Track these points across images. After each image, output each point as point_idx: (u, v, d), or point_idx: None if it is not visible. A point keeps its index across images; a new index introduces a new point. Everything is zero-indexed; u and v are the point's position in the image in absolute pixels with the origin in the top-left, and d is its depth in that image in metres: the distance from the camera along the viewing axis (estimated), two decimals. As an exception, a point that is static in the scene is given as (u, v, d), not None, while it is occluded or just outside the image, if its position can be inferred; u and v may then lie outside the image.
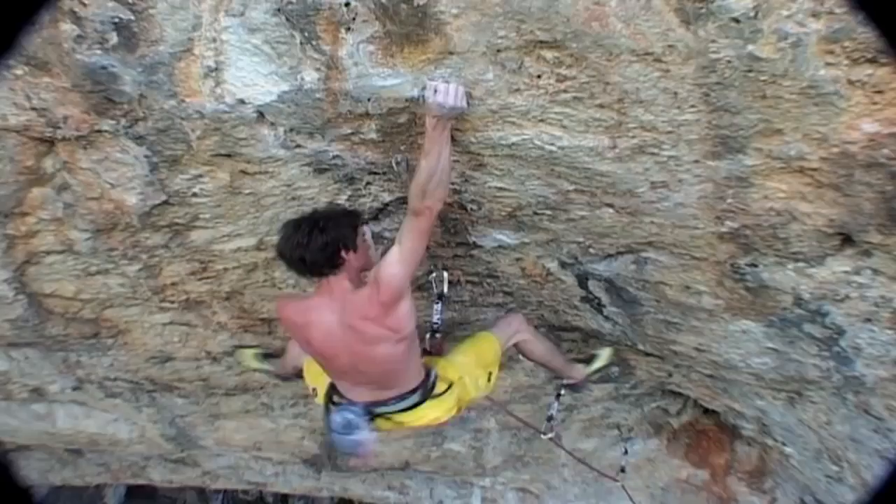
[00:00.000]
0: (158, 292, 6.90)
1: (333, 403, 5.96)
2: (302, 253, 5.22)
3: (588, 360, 7.51)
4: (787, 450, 8.76)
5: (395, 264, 5.10)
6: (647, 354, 7.83)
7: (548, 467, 10.90)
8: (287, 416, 9.88)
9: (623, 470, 8.44)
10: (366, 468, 11.14)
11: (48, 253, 6.23)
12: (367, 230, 5.52)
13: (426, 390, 5.97)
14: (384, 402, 5.84)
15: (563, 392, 7.07)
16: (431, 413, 6.07)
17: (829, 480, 8.43)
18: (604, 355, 7.53)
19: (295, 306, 5.69)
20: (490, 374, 6.62)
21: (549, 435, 7.23)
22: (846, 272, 5.25)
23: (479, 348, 6.66)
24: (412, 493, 12.16)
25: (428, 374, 6.02)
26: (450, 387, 6.13)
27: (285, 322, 5.89)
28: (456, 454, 10.65)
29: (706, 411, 9.84)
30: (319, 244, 5.18)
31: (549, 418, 7.10)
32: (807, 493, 9.32)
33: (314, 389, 6.49)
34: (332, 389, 6.00)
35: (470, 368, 6.45)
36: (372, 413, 5.84)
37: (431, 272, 6.56)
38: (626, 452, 9.42)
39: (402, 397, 5.87)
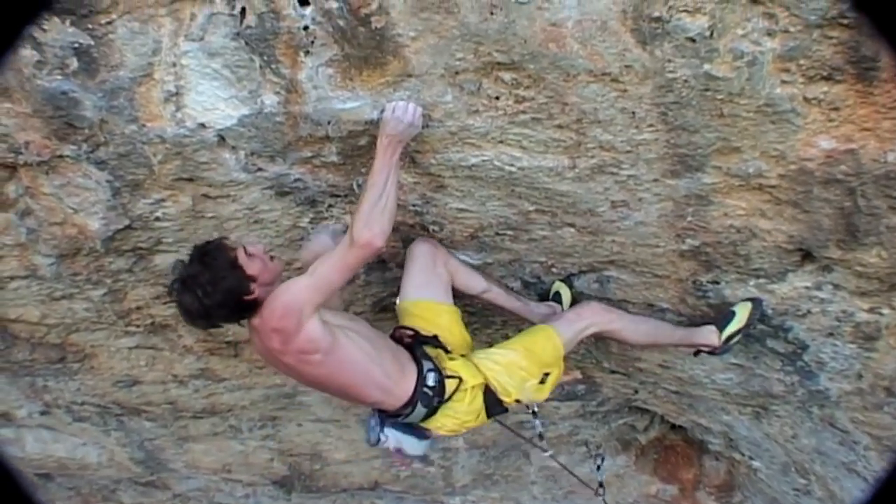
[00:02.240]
0: (123, 316, 6.87)
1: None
2: (214, 322, 5.02)
3: (719, 321, 5.97)
4: (755, 464, 8.79)
5: (294, 294, 4.74)
6: (613, 372, 7.84)
7: (517, 485, 10.88)
8: (255, 438, 9.84)
9: (601, 485, 8.38)
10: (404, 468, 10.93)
11: (12, 278, 6.19)
12: (250, 246, 4.97)
13: (428, 398, 5.33)
14: (392, 416, 5.42)
15: (536, 410, 6.94)
16: (448, 422, 5.50)
17: (796, 493, 8.46)
18: (741, 314, 5.88)
19: None
20: (546, 375, 5.72)
21: (550, 452, 6.98)
22: (807, 288, 5.29)
23: (531, 341, 5.75)
24: (383, 513, 12.15)
25: (421, 380, 5.32)
26: (458, 387, 5.41)
27: None
28: (425, 473, 10.61)
29: (673, 427, 9.84)
30: (220, 313, 4.83)
31: (540, 436, 6.85)
32: (775, 506, 9.36)
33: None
34: None
35: (513, 366, 5.58)
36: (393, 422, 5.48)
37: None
38: (598, 469, 9.38)
39: (403, 413, 5.35)
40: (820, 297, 5.35)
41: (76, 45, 4.36)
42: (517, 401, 5.65)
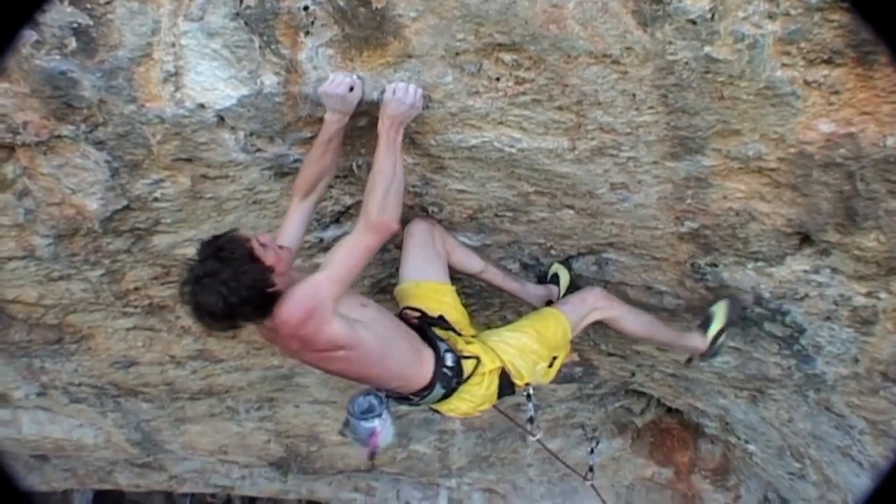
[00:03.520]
0: (121, 297, 6.87)
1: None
2: (237, 321, 4.63)
3: (702, 326, 6.22)
4: (750, 447, 8.82)
5: (312, 293, 4.56)
6: (610, 354, 7.86)
7: (513, 467, 10.91)
8: (252, 420, 9.85)
9: (591, 469, 8.38)
10: (371, 462, 10.91)
11: (10, 259, 6.18)
12: (259, 236, 4.71)
13: (447, 378, 5.27)
14: (406, 398, 5.39)
15: (531, 392, 6.93)
16: (463, 405, 5.49)
17: (791, 477, 8.49)
18: (719, 314, 6.14)
19: None
20: (554, 359, 5.79)
21: (538, 436, 6.95)
22: (805, 271, 5.30)
23: (543, 325, 5.78)
24: (379, 494, 12.14)
25: (439, 362, 5.26)
26: (475, 368, 5.36)
27: None
28: (422, 455, 10.63)
29: (669, 410, 9.89)
30: (245, 311, 4.52)
31: (531, 420, 6.85)
32: (770, 489, 9.38)
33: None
34: None
35: (526, 350, 5.60)
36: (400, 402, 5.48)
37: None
38: (592, 452, 9.38)
39: (420, 395, 5.31)
40: (818, 280, 5.35)
41: (75, 25, 4.35)
42: (527, 383, 5.68)
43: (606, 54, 4.09)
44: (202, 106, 4.74)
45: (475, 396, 5.44)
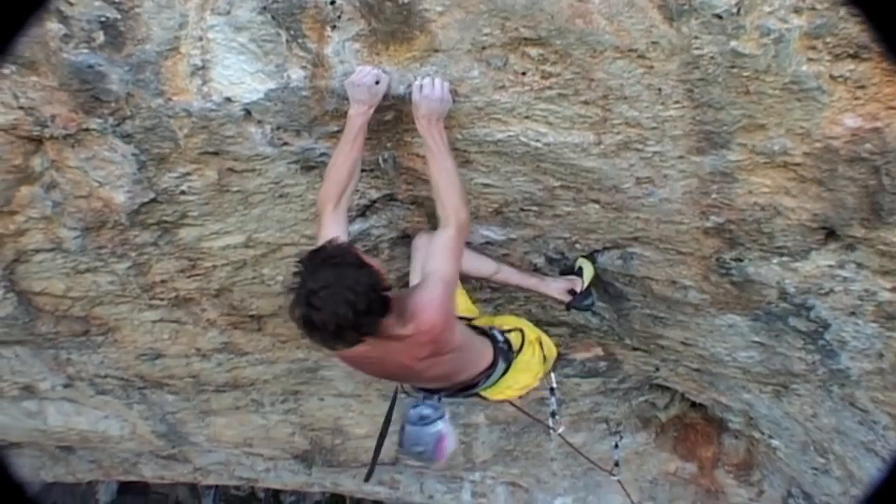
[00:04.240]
0: (148, 290, 6.89)
1: (405, 393, 5.58)
2: (363, 331, 4.29)
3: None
4: (774, 442, 8.80)
5: (446, 299, 4.58)
6: (635, 349, 7.85)
7: (537, 461, 10.90)
8: (277, 412, 9.87)
9: (617, 464, 8.41)
10: (441, 468, 10.92)
11: (37, 251, 6.22)
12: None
13: (505, 352, 5.47)
14: (465, 389, 5.47)
15: (555, 386, 6.97)
16: (522, 377, 5.66)
17: (815, 472, 8.47)
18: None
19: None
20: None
21: (560, 430, 7.00)
22: (830, 266, 5.28)
23: (546, 341, 6.07)
24: (402, 487, 12.15)
25: (494, 341, 5.42)
26: (523, 340, 5.63)
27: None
28: (445, 449, 10.64)
29: (693, 405, 9.87)
30: (369, 320, 4.26)
31: (553, 414, 6.88)
32: (793, 484, 9.36)
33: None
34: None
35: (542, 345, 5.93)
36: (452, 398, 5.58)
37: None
38: (616, 447, 9.40)
39: (486, 375, 5.40)
40: (843, 275, 5.33)
41: (103, 19, 4.38)
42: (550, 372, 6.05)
43: (632, 49, 4.10)
44: (229, 100, 4.76)
45: (531, 365, 5.64)
